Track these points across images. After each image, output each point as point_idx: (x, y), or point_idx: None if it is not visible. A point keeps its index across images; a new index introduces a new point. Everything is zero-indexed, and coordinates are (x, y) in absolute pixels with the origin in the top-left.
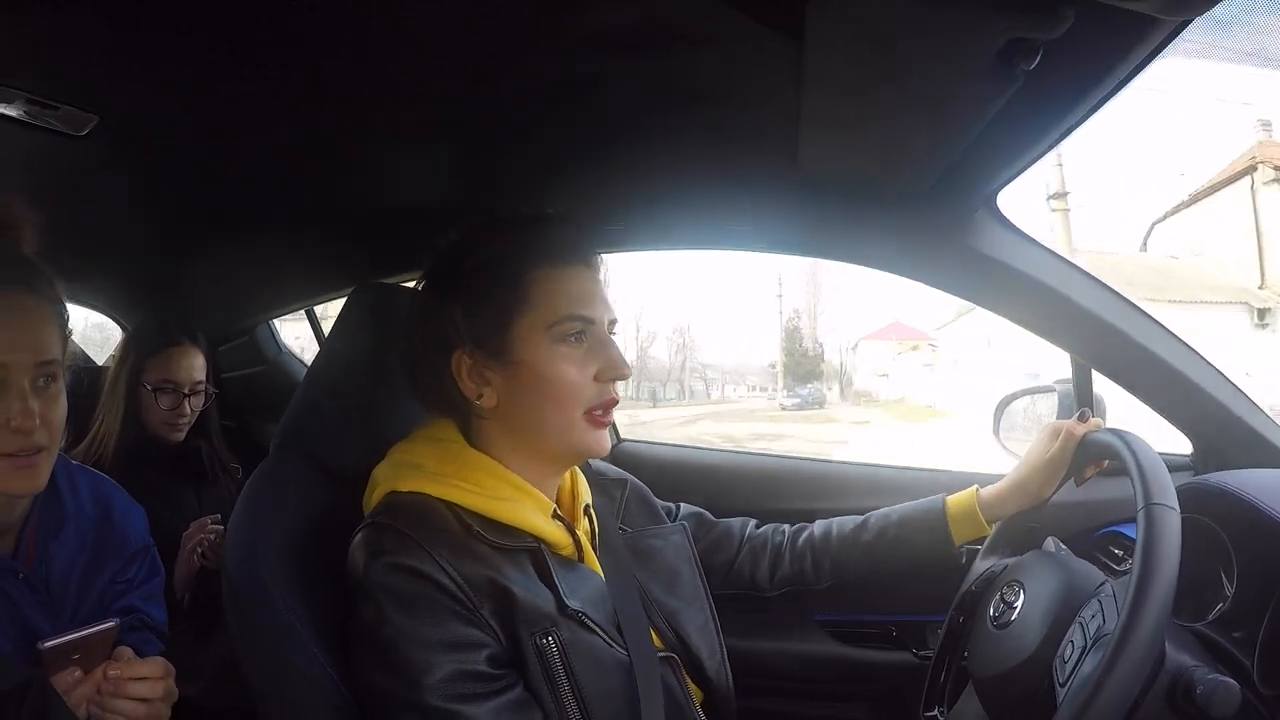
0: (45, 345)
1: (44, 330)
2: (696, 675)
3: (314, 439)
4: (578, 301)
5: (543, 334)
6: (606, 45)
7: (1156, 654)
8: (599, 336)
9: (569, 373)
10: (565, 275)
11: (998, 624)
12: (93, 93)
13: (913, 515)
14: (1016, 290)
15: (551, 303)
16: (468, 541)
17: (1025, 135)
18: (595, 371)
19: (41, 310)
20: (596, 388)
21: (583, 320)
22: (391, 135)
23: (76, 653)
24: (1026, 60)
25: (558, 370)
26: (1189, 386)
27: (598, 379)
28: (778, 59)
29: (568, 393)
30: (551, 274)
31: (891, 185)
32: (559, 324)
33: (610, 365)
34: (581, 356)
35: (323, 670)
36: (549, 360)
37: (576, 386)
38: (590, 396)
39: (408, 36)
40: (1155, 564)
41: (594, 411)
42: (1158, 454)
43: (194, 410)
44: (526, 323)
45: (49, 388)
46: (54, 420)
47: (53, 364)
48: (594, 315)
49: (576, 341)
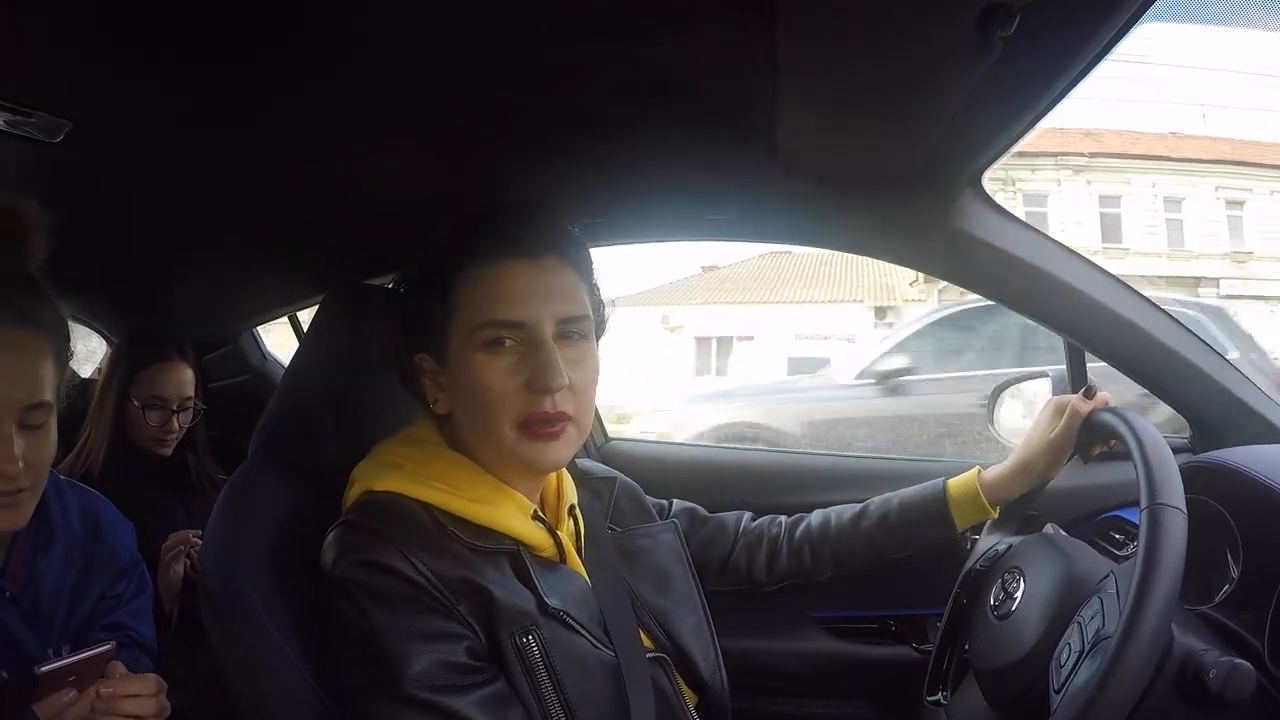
0: (37, 386)
1: (38, 369)
2: (690, 677)
3: (292, 443)
4: (503, 303)
5: (468, 339)
6: (579, 35)
7: (1155, 666)
8: (534, 341)
9: (491, 382)
10: (494, 275)
11: (998, 614)
12: (65, 98)
13: (913, 500)
14: (1006, 273)
15: (475, 305)
16: (443, 542)
17: (1007, 111)
18: (526, 380)
19: (37, 347)
20: (525, 398)
21: (509, 325)
22: (368, 134)
23: (72, 675)
24: (1003, 27)
25: (478, 380)
26: (1184, 366)
27: (530, 389)
28: (751, 42)
29: (492, 404)
30: (480, 273)
31: (875, 168)
32: (481, 329)
33: (534, 375)
34: (509, 365)
35: (304, 678)
36: (474, 369)
37: (500, 398)
38: (518, 409)
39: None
40: (1156, 573)
41: (529, 424)
42: (1165, 442)
43: (182, 426)
44: (455, 327)
45: (38, 429)
46: (40, 461)
47: (44, 406)
48: (524, 317)
49: (505, 348)
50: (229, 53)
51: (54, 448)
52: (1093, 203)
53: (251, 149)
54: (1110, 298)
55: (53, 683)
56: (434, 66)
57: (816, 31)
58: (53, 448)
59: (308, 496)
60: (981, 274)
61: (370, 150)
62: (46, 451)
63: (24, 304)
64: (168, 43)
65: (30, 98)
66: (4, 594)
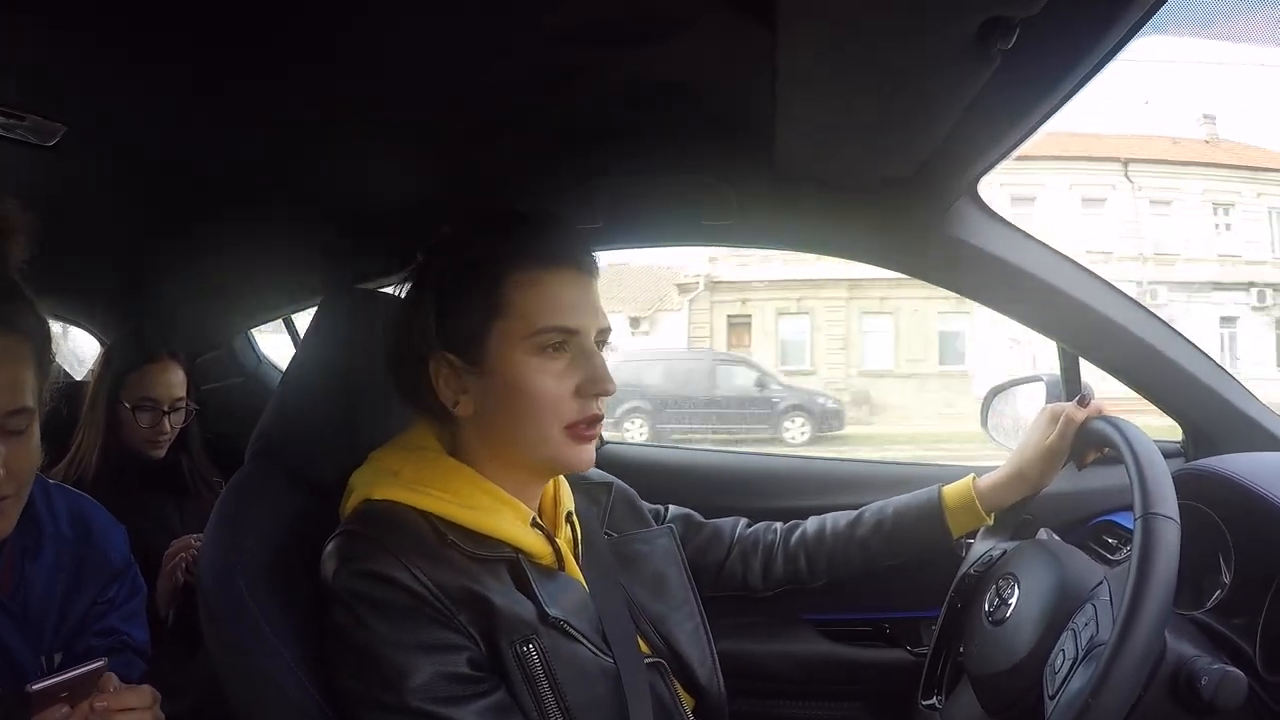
0: (17, 392)
1: (18, 374)
2: (687, 682)
3: (289, 448)
4: (561, 310)
5: (519, 343)
6: (582, 39)
7: (1148, 672)
8: (583, 348)
9: (546, 386)
10: (549, 280)
11: (993, 620)
12: (60, 102)
13: (908, 508)
14: (1002, 279)
15: (531, 310)
16: (442, 551)
17: (1004, 121)
18: (577, 385)
19: (17, 350)
20: (577, 403)
21: (564, 330)
22: (367, 136)
23: (64, 691)
24: (1003, 40)
25: (534, 384)
26: (1178, 372)
27: (579, 394)
28: (751, 47)
29: (544, 407)
30: (533, 278)
31: (871, 175)
32: (538, 334)
33: (592, 380)
34: (561, 369)
35: (301, 684)
36: (525, 372)
37: (554, 401)
38: (570, 412)
39: (381, 37)
40: (1149, 582)
41: (576, 427)
42: (1159, 451)
43: (174, 427)
44: (503, 330)
45: (20, 434)
46: (22, 469)
47: (24, 412)
48: (577, 325)
49: (556, 353)
50: (224, 57)
51: (38, 453)
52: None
53: (247, 152)
54: (1104, 304)
55: (45, 700)
56: (433, 70)
57: (817, 40)
58: (36, 453)
59: (305, 503)
60: (977, 280)
61: (368, 154)
62: (29, 458)
63: (3, 308)
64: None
65: (24, 102)
66: None
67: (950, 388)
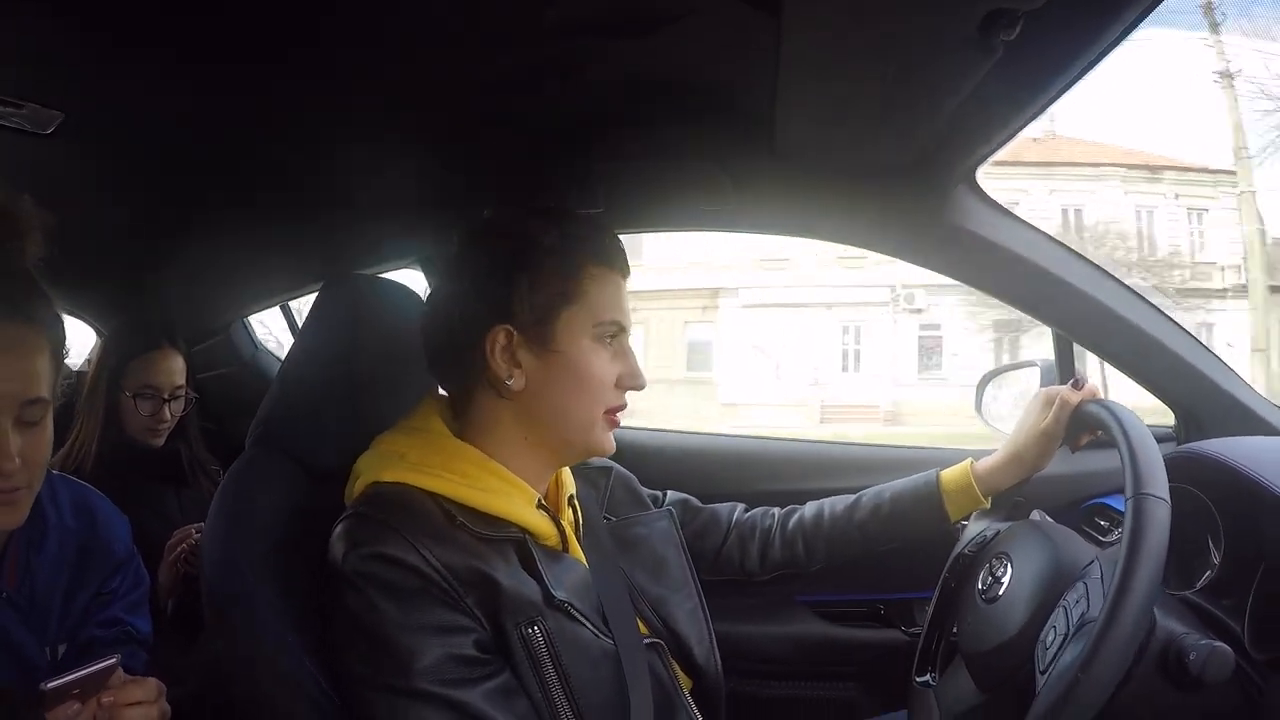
0: (34, 381)
1: (35, 363)
2: (685, 662)
3: (289, 435)
4: (619, 307)
5: (588, 329)
6: (585, 29)
7: (1137, 648)
8: (624, 344)
9: (603, 370)
10: (614, 279)
11: (985, 598)
12: (57, 90)
13: (906, 492)
14: (997, 265)
15: (601, 301)
16: (451, 531)
17: (1004, 108)
18: (619, 376)
19: (35, 341)
20: (616, 392)
21: (618, 325)
22: (365, 125)
23: (76, 688)
24: (1006, 31)
25: (593, 366)
26: (1170, 358)
27: (619, 384)
28: (754, 34)
29: (597, 390)
30: (605, 275)
31: (870, 161)
32: (603, 323)
33: (630, 374)
34: (611, 359)
35: (305, 667)
36: (587, 355)
37: (603, 386)
38: (611, 398)
39: (382, 24)
40: (1140, 559)
41: (612, 413)
42: (1150, 433)
43: (174, 415)
44: (574, 314)
45: (36, 425)
46: (38, 459)
47: (40, 402)
48: (627, 324)
49: (609, 343)
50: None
51: (51, 445)
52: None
53: (245, 140)
54: (1099, 291)
55: (58, 698)
56: (437, 60)
57: (821, 25)
58: (49, 445)
59: (306, 488)
60: (974, 266)
61: (366, 143)
62: (43, 449)
63: (20, 299)
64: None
65: (22, 90)
66: (0, 595)
67: (697, 394)
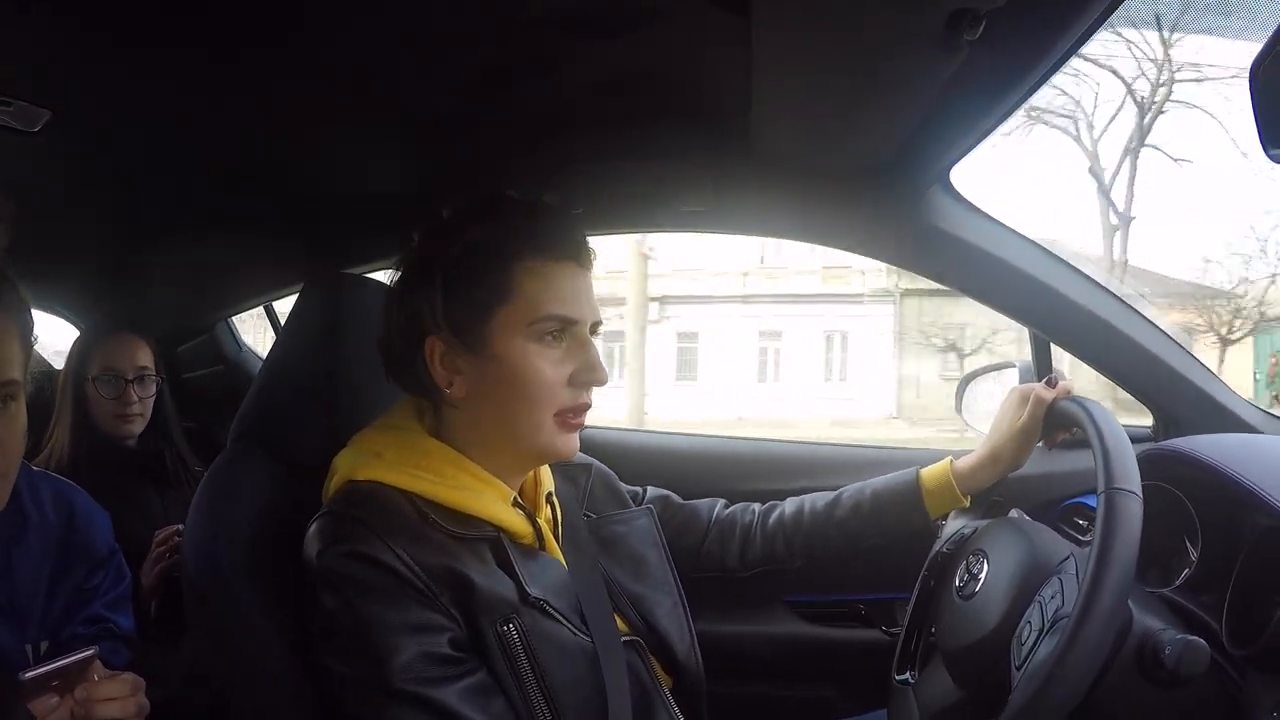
0: (6, 365)
1: (5, 347)
2: (666, 661)
3: (271, 433)
4: (562, 300)
5: (522, 329)
6: (561, 27)
7: (1112, 643)
8: (579, 338)
9: (544, 372)
10: (553, 270)
11: (962, 594)
12: (45, 88)
13: (886, 489)
14: (973, 265)
15: (535, 297)
16: (425, 530)
17: (975, 109)
18: (570, 374)
19: (4, 325)
20: (570, 391)
21: (564, 320)
22: (347, 124)
23: (55, 679)
24: (970, 30)
25: (532, 369)
26: (1147, 358)
27: (572, 382)
28: (726, 35)
29: (539, 393)
30: (540, 268)
31: (844, 162)
32: (540, 321)
33: (586, 369)
34: (559, 357)
35: (287, 665)
36: (524, 357)
37: (550, 388)
38: (563, 399)
39: (361, 21)
40: (1112, 553)
41: (565, 415)
42: (1123, 430)
43: (141, 399)
44: (506, 315)
45: (7, 408)
46: (12, 444)
47: (12, 384)
48: (577, 315)
49: (555, 341)
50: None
51: (24, 429)
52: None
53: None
54: (1075, 291)
55: (36, 689)
56: (415, 57)
57: (790, 27)
58: (23, 429)
59: (287, 485)
60: (950, 266)
61: (348, 142)
62: (18, 433)
63: None
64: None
65: (10, 87)
66: None
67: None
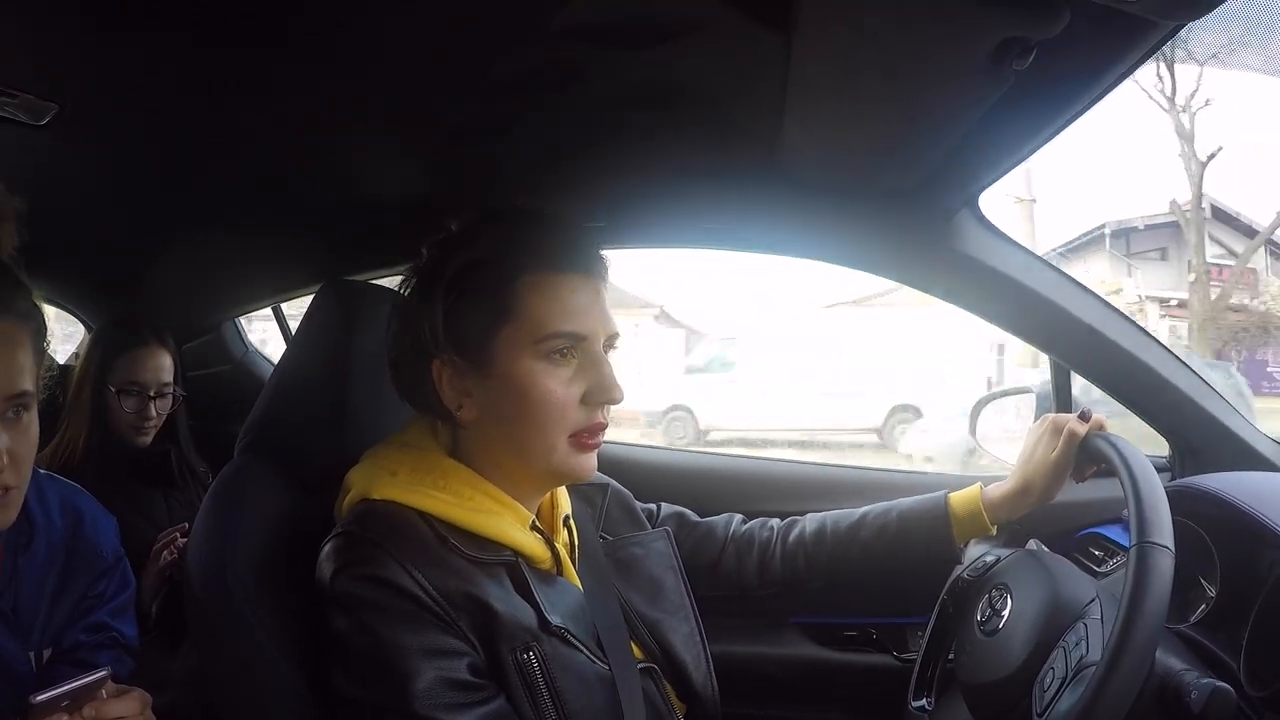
0: (18, 376)
1: (16, 357)
2: (681, 687)
3: (280, 443)
4: (570, 315)
5: (528, 347)
6: (590, 37)
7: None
8: (592, 354)
9: (554, 393)
10: (559, 284)
11: (985, 630)
12: (52, 81)
13: (914, 512)
14: (997, 292)
15: (541, 314)
16: (442, 554)
17: (1011, 136)
18: (583, 393)
19: (17, 335)
20: (584, 411)
21: (573, 336)
22: (363, 127)
23: (66, 700)
24: (1019, 60)
25: (541, 389)
26: (1168, 389)
27: (585, 401)
28: (763, 53)
29: (550, 414)
30: (544, 281)
31: (873, 184)
32: (546, 339)
33: (599, 388)
34: (570, 375)
35: (289, 679)
36: (532, 377)
37: (560, 409)
38: (576, 420)
39: (383, 25)
40: (1141, 610)
41: (580, 435)
42: (1158, 478)
43: (160, 414)
44: (511, 333)
45: (19, 419)
46: (24, 456)
47: (25, 395)
48: (587, 331)
49: (564, 359)
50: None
51: (36, 440)
52: None
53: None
54: (1098, 320)
55: (47, 711)
56: (436, 65)
57: (834, 50)
58: (35, 440)
59: (295, 497)
60: (974, 291)
61: (368, 147)
62: (30, 444)
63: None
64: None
65: (16, 79)
66: None
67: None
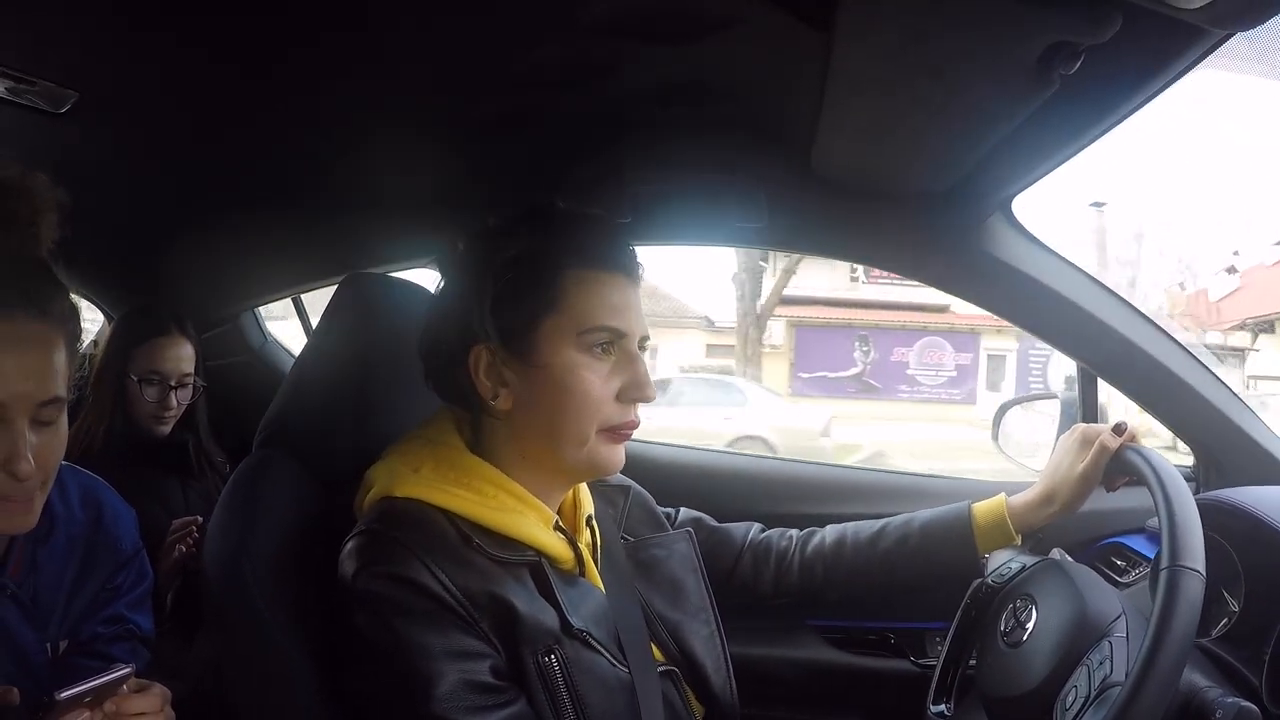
0: (51, 379)
1: (52, 360)
2: (700, 690)
3: (300, 437)
4: (612, 311)
5: (571, 339)
6: (623, 31)
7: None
8: (628, 352)
9: (592, 385)
10: (603, 281)
11: (1008, 641)
12: (72, 68)
13: (937, 523)
14: (1027, 296)
15: (585, 307)
16: (466, 553)
17: (1049, 141)
18: (619, 389)
19: (51, 339)
20: (618, 407)
21: (614, 332)
22: (388, 119)
23: (89, 697)
24: (1066, 65)
25: (580, 380)
26: (1194, 399)
27: (620, 398)
28: (802, 49)
29: (586, 406)
30: (589, 277)
31: (907, 186)
32: (589, 332)
33: (635, 385)
34: (607, 370)
35: (305, 675)
36: (572, 368)
37: (597, 401)
38: (610, 414)
39: (409, 16)
40: (1169, 634)
41: (614, 429)
42: (1192, 498)
43: (180, 403)
44: (555, 324)
45: (50, 424)
46: (51, 460)
47: (57, 401)
48: (626, 328)
49: (604, 353)
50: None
51: (65, 441)
52: None
53: (264, 129)
54: (1128, 327)
55: (69, 707)
56: (464, 58)
57: (875, 47)
58: (64, 444)
59: (314, 493)
60: (1004, 295)
61: (393, 138)
62: (58, 449)
63: (37, 292)
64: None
65: (36, 66)
66: (4, 590)
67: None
